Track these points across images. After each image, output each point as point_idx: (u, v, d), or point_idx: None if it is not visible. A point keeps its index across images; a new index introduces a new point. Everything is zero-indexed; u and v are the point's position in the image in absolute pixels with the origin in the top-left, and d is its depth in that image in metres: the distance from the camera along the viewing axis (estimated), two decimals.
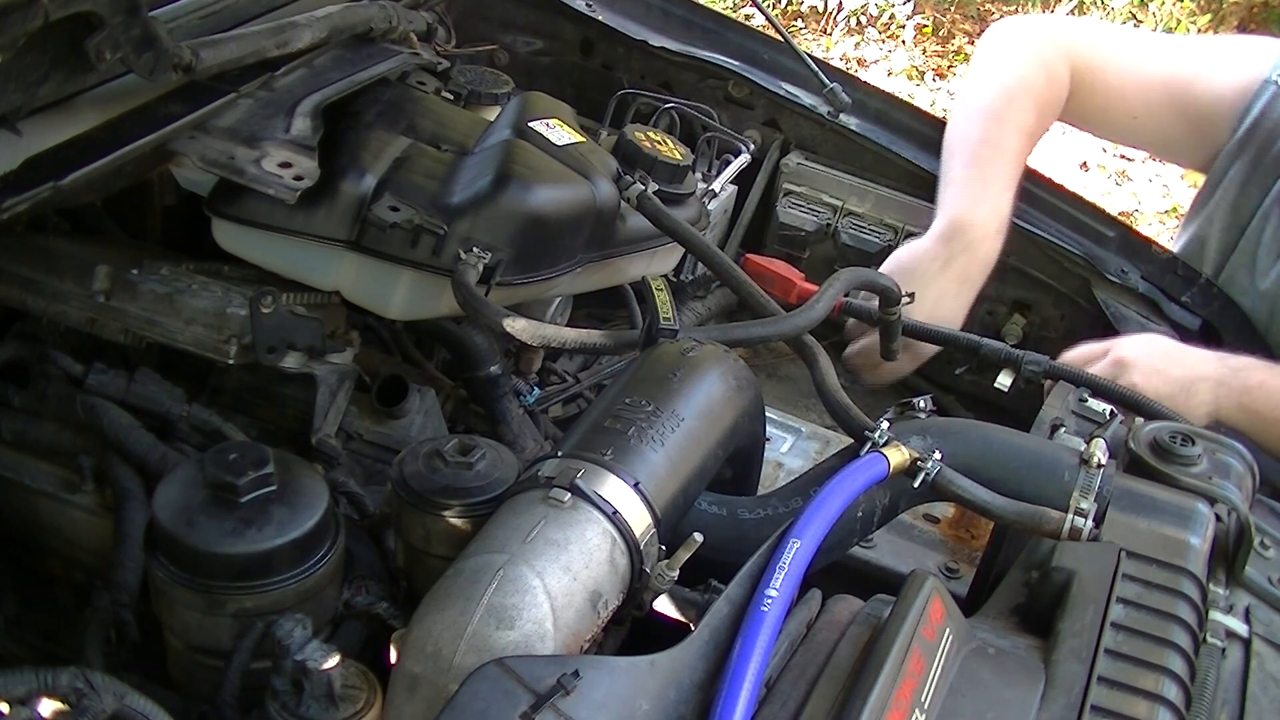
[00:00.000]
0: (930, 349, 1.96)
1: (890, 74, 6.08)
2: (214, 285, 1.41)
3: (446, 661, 0.98)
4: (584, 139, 1.65)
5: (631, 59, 2.33)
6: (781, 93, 2.26)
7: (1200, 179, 2.24)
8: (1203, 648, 1.15)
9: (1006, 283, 2.23)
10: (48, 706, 1.00)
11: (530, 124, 1.59)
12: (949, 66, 6.29)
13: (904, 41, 6.36)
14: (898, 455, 1.22)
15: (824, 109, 2.24)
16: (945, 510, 1.78)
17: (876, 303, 1.69)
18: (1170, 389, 1.76)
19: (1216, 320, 2.10)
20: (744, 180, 2.17)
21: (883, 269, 1.98)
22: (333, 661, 1.06)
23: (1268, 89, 2.02)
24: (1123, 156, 5.68)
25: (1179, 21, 6.19)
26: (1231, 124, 2.06)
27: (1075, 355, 1.85)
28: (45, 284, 1.40)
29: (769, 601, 1.00)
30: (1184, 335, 2.08)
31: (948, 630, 1.08)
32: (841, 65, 4.62)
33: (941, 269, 1.98)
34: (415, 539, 1.22)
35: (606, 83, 2.29)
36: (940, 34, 6.51)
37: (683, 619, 1.17)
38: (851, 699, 0.96)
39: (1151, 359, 1.81)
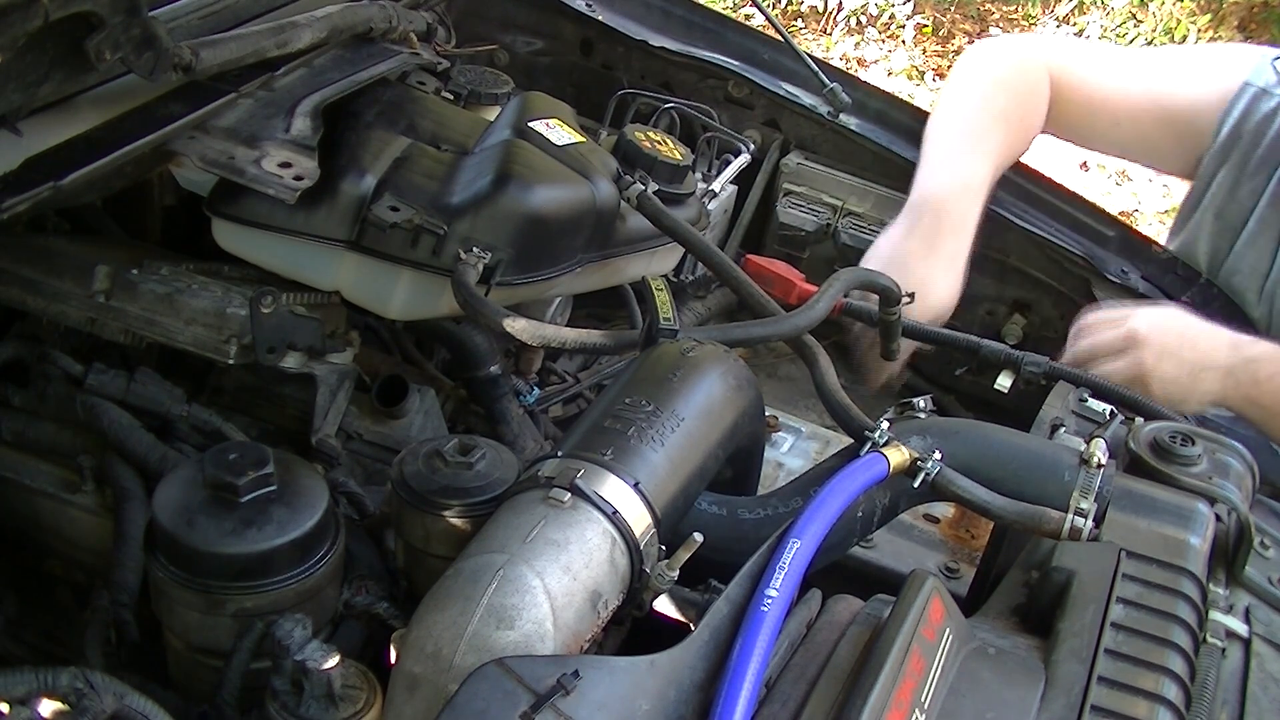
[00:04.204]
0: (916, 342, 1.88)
1: (890, 74, 6.08)
2: (214, 285, 1.41)
3: (446, 661, 0.98)
4: (584, 139, 1.65)
5: (631, 59, 2.33)
6: (781, 93, 2.26)
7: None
8: (1203, 648, 1.15)
9: (1006, 283, 2.23)
10: (48, 706, 1.00)
11: (530, 124, 1.59)
12: (949, 66, 6.27)
13: (904, 41, 6.36)
14: (898, 455, 1.22)
15: (824, 109, 2.24)
16: (945, 510, 1.78)
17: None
18: (1178, 372, 1.76)
19: (1217, 320, 2.09)
20: (744, 180, 2.17)
21: (864, 263, 1.93)
22: (333, 661, 1.06)
23: (1247, 91, 2.02)
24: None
25: (1179, 21, 6.19)
26: (1213, 128, 2.06)
27: (1093, 318, 1.84)
28: (45, 284, 1.40)
29: (769, 601, 1.00)
30: None
31: (948, 630, 1.08)
32: (841, 65, 4.62)
33: (920, 250, 1.93)
34: (415, 539, 1.22)
35: (606, 83, 2.29)
36: (940, 34, 6.51)
37: (683, 619, 1.16)
38: (851, 699, 0.96)
39: (1165, 338, 1.79)
